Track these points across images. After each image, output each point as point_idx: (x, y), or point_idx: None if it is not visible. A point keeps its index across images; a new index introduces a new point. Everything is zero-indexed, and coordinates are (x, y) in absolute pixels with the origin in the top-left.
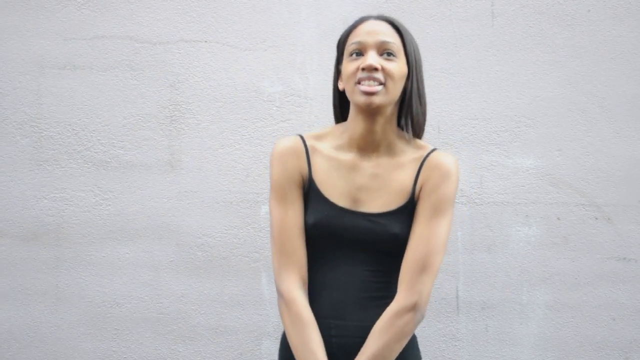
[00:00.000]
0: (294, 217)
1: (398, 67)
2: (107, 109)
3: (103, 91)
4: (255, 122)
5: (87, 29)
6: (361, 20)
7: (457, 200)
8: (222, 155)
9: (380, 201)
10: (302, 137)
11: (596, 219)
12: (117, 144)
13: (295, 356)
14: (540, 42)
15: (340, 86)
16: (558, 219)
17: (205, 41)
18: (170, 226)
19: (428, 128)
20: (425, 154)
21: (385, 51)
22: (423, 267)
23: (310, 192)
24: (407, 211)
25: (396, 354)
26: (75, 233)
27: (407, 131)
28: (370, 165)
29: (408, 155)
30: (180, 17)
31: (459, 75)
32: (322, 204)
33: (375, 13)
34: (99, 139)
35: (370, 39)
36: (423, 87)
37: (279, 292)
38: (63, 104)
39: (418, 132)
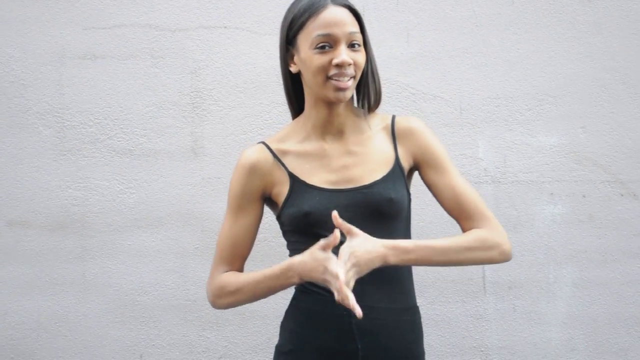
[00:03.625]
0: (240, 228)
1: (362, 56)
2: (129, 97)
3: (124, 80)
4: (276, 106)
5: (106, 18)
6: (319, 6)
7: (481, 180)
8: (244, 141)
9: (365, 174)
10: (265, 144)
11: (621, 195)
12: (139, 132)
13: (252, 294)
14: (561, 19)
15: (294, 69)
16: (583, 196)
17: (225, 27)
18: (194, 213)
19: (450, 108)
20: (389, 122)
21: (351, 42)
22: (484, 206)
23: (294, 187)
24: (396, 176)
25: (464, 261)
26: (100, 222)
27: (364, 107)
28: (340, 147)
29: (374, 127)
30: (199, 4)
31: (480, 55)
32: (312, 192)
33: None
34: (121, 128)
35: (339, 32)
36: (375, 63)
37: (212, 294)
38: (85, 93)
39: (376, 106)
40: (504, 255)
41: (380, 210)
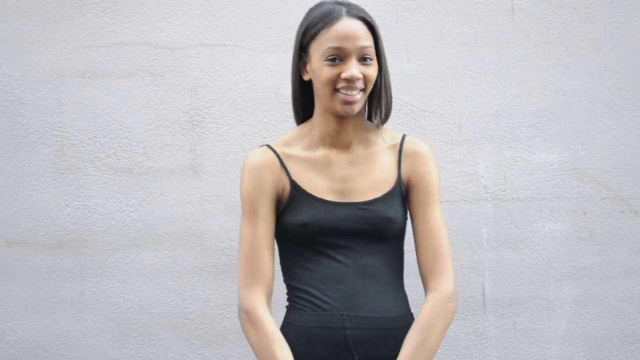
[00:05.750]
0: (264, 233)
1: (374, 70)
2: (128, 115)
3: (123, 98)
4: (276, 124)
5: (106, 37)
6: (333, 17)
7: (481, 197)
8: (244, 159)
9: (366, 189)
10: (270, 147)
11: (622, 212)
12: (138, 150)
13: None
14: (561, 36)
15: (306, 77)
16: (584, 213)
17: (224, 45)
18: (194, 231)
19: (450, 125)
20: (399, 140)
21: (363, 56)
22: (444, 256)
23: (295, 195)
24: (395, 196)
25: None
26: (99, 240)
27: (375, 120)
28: (345, 157)
29: (382, 144)
30: (198, 22)
31: (480, 72)
32: (311, 202)
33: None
34: (120, 146)
35: (350, 46)
36: (388, 76)
37: (244, 310)
38: (84, 112)
39: (386, 119)
40: (453, 313)
41: (378, 228)
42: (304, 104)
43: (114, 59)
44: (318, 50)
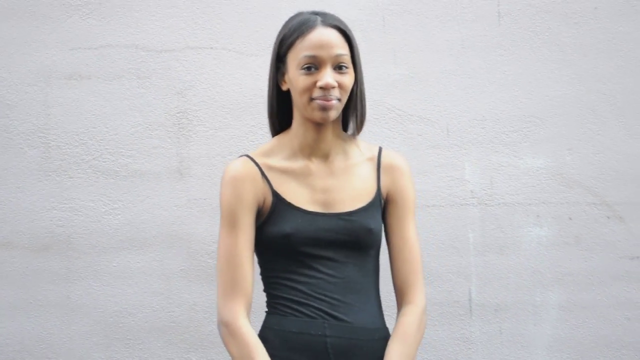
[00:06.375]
0: (244, 244)
1: (350, 78)
2: (115, 118)
3: (110, 100)
4: (263, 127)
5: (92, 39)
6: (308, 26)
7: (467, 202)
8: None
9: (347, 200)
10: (250, 157)
11: (608, 218)
12: (125, 152)
13: None
14: (547, 41)
15: (285, 87)
16: (570, 218)
17: (212, 48)
18: (180, 234)
19: (437, 130)
20: (376, 153)
21: (338, 64)
22: (419, 269)
23: (277, 205)
24: (375, 207)
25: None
26: (85, 243)
27: (350, 130)
28: (325, 168)
29: (359, 155)
30: (185, 25)
31: (467, 77)
32: (294, 213)
33: (309, 9)
34: (107, 148)
35: (325, 54)
36: (363, 85)
37: (223, 322)
38: (70, 114)
39: (360, 129)
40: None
41: (359, 238)
42: (280, 115)
43: (101, 61)
44: (294, 59)
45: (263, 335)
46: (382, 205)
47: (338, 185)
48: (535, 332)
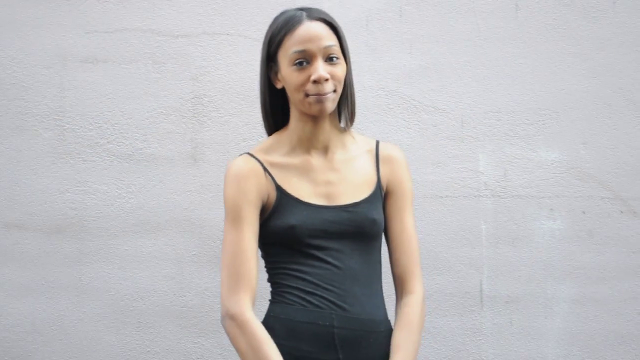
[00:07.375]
0: (249, 239)
1: (342, 68)
2: (130, 102)
3: (125, 84)
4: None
5: (109, 22)
6: (294, 22)
7: (481, 194)
8: (244, 148)
9: (349, 192)
10: (251, 155)
11: (621, 212)
12: (139, 137)
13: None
14: (565, 35)
15: (279, 85)
16: (583, 212)
17: (228, 34)
18: (193, 219)
19: (452, 121)
20: (374, 146)
21: (329, 56)
22: (418, 259)
23: (282, 199)
24: (377, 199)
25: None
26: (98, 226)
27: (342, 122)
28: (325, 162)
29: (357, 147)
30: (202, 10)
31: (483, 68)
32: (298, 206)
33: (296, 5)
34: (121, 132)
35: (314, 47)
36: (351, 77)
37: (230, 315)
38: (86, 97)
39: (352, 119)
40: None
41: (363, 229)
42: (275, 113)
43: (117, 45)
44: (285, 57)
45: (268, 324)
46: (383, 197)
47: (339, 178)
48: (546, 325)
